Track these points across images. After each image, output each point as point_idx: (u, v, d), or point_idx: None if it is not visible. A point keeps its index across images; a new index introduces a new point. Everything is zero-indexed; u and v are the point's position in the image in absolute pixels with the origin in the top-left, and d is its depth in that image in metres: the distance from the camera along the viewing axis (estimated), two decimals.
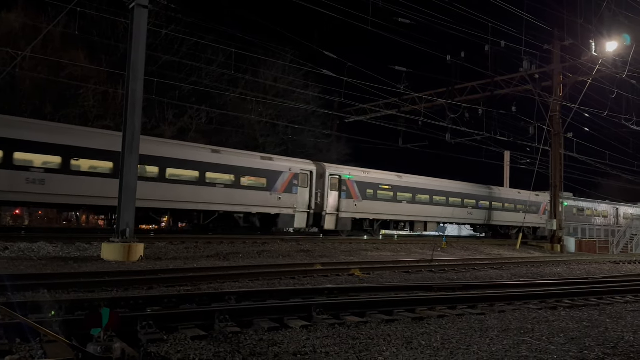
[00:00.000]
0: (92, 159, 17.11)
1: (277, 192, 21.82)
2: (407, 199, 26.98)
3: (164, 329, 5.40)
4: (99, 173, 17.15)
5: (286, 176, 22.14)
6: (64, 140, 16.53)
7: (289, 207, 22.23)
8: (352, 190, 24.47)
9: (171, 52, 29.90)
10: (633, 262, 21.79)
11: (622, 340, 5.94)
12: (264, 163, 21.79)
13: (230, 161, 20.59)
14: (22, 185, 15.49)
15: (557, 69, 27.67)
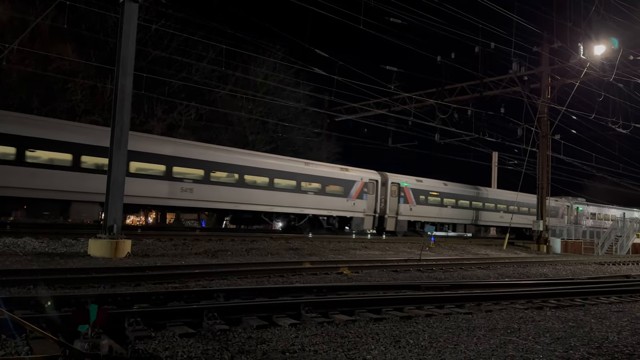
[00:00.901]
0: (225, 171, 21.34)
1: (352, 198, 25.37)
2: (451, 204, 30.97)
3: (151, 326, 5.37)
4: (227, 183, 21.30)
5: (358, 185, 25.73)
6: (207, 157, 20.60)
7: (360, 211, 25.78)
8: (409, 196, 28.26)
9: (161, 47, 29.68)
10: (617, 263, 22.09)
11: (606, 340, 6.02)
12: (342, 174, 25.34)
13: (318, 172, 24.21)
14: (178, 193, 19.43)
15: (546, 71, 27.93)
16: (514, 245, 28.71)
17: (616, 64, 22.53)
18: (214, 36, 26.45)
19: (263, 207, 21.97)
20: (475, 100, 29.03)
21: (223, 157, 21.09)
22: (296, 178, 23.10)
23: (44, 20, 22.38)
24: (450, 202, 30.94)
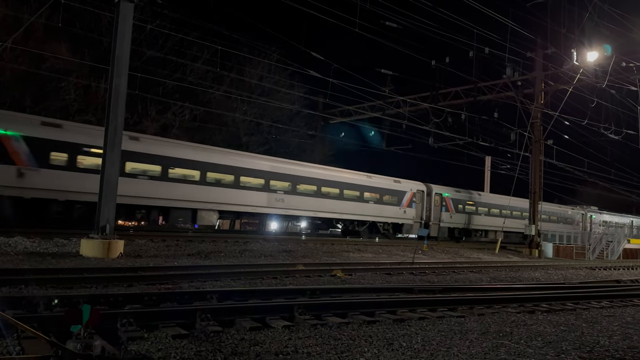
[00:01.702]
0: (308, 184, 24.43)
1: (403, 206, 28.66)
2: (484, 212, 34.08)
3: (144, 327, 5.35)
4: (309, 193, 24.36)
5: (408, 195, 29.07)
6: (294, 172, 23.83)
7: (409, 218, 29.03)
8: (449, 205, 31.35)
9: (156, 48, 29.60)
10: (608, 268, 22.24)
11: (597, 345, 6.06)
12: (395, 185, 28.59)
13: (377, 184, 27.45)
14: (273, 203, 22.78)
15: (539, 76, 28.12)
16: (506, 249, 28.85)
17: (609, 71, 22.73)
18: (209, 37, 26.46)
19: (335, 215, 25.36)
20: (469, 105, 29.18)
21: (306, 172, 24.52)
22: (360, 189, 26.48)
23: (38, 18, 22.25)
24: (484, 210, 34.07)
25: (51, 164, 16.47)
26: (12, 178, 15.59)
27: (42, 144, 16.19)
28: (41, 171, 16.11)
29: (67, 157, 16.82)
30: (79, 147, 17.00)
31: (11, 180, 15.59)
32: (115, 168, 13.47)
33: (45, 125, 16.78)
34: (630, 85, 23.46)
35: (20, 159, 15.82)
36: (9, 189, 15.55)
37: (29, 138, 15.98)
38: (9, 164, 15.59)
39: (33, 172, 15.91)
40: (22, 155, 15.84)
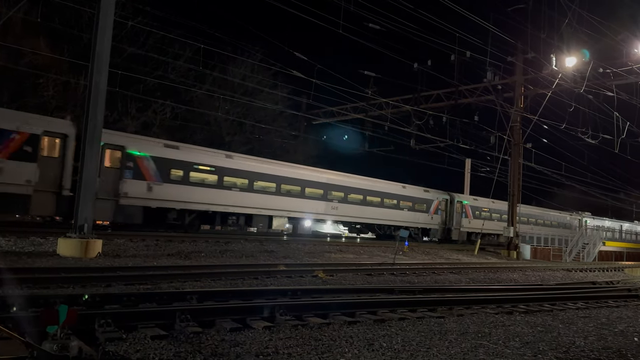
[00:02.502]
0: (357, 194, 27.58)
1: (431, 213, 32.13)
2: (497, 217, 37.15)
3: (122, 328, 5.28)
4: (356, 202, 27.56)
5: (435, 203, 32.42)
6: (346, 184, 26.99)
7: (436, 223, 32.56)
8: (468, 212, 34.82)
9: (137, 45, 29.21)
10: (584, 270, 22.68)
11: (573, 345, 6.18)
12: (424, 194, 32.02)
13: (410, 194, 30.88)
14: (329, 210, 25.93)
15: (519, 80, 28.55)
16: (485, 251, 29.20)
17: (587, 76, 23.18)
18: (192, 35, 26.22)
19: (376, 220, 28.59)
20: (450, 108, 29.47)
21: (355, 184, 27.48)
22: (397, 198, 29.80)
23: (16, 13, 21.78)
24: (496, 216, 37.28)
25: (171, 179, 19.69)
26: (144, 191, 18.75)
27: (165, 163, 19.52)
28: (164, 185, 19.36)
29: (182, 173, 20.07)
30: (190, 164, 20.31)
31: (143, 193, 18.74)
32: (94, 166, 13.26)
33: (167, 146, 20.12)
34: (607, 91, 23.96)
35: (149, 175, 18.99)
36: (141, 200, 18.71)
37: (156, 158, 19.21)
38: (141, 179, 18.75)
39: (158, 186, 19.15)
40: (150, 172, 19.03)
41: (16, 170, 15.66)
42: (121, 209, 18.12)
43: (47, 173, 16.38)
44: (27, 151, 16.01)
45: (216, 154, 22.30)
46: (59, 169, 16.64)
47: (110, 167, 18.01)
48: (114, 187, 17.98)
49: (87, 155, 13.06)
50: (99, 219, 17.67)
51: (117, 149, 18.22)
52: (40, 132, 16.40)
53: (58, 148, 16.74)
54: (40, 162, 16.26)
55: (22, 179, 15.79)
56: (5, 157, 15.53)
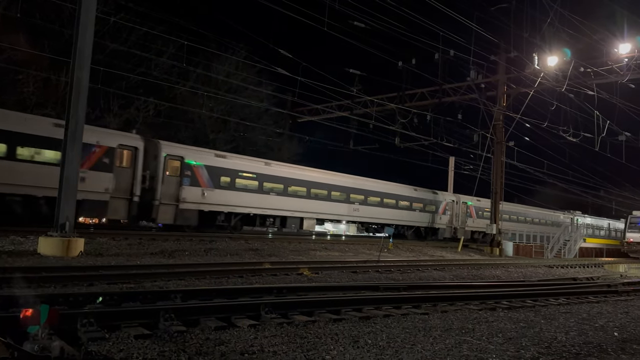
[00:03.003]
0: (375, 196, 29.36)
1: (439, 214, 33.83)
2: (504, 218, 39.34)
3: (105, 327, 5.21)
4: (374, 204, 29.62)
5: (443, 204, 34.15)
6: (366, 187, 29.16)
7: (444, 223, 34.29)
8: (472, 212, 36.77)
9: (119, 41, 28.83)
10: (565, 266, 23.05)
11: (555, 340, 6.27)
12: (434, 196, 33.85)
13: (422, 196, 32.60)
14: (351, 212, 27.98)
15: (502, 79, 28.84)
16: (469, 248, 29.50)
17: (568, 75, 23.52)
18: (175, 31, 25.97)
19: (391, 221, 30.05)
20: (434, 106, 29.66)
21: (374, 187, 29.46)
22: (409, 200, 31.58)
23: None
24: (513, 217, 39.51)
25: (220, 185, 21.58)
26: (199, 196, 20.71)
27: (215, 171, 21.44)
28: (215, 191, 21.27)
29: (229, 180, 22.01)
30: (236, 172, 22.33)
31: (198, 198, 20.68)
32: (76, 164, 13.06)
33: (217, 156, 22.14)
34: (587, 90, 24.33)
35: (203, 182, 20.92)
36: (197, 204, 20.70)
37: (208, 166, 21.17)
38: (197, 186, 20.67)
39: (210, 191, 21.07)
40: (204, 179, 20.98)
41: (96, 179, 17.48)
42: (180, 212, 20.14)
43: (120, 182, 18.29)
44: (105, 162, 17.87)
45: (256, 161, 24.31)
46: (131, 178, 18.62)
47: (171, 176, 19.96)
48: (175, 193, 19.98)
49: (68, 152, 12.86)
50: (162, 221, 20.14)
51: (176, 159, 20.17)
52: (116, 145, 18.31)
53: (130, 159, 18.70)
54: (115, 172, 18.14)
55: (101, 187, 17.67)
56: (88, 168, 17.14)
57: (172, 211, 19.91)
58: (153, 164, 19.34)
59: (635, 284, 14.57)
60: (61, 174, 12.87)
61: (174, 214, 19.95)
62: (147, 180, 19.01)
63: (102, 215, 19.17)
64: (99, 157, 17.79)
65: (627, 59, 23.17)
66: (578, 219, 46.46)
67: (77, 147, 13.05)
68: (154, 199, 19.19)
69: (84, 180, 16.43)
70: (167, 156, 19.68)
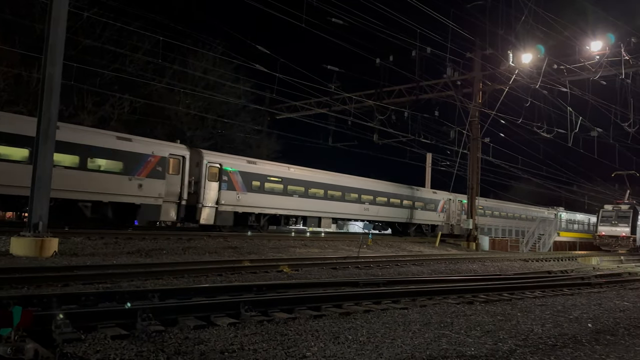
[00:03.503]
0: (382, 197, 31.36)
1: (438, 212, 35.60)
2: (489, 214, 40.96)
3: (81, 328, 5.10)
4: (381, 203, 31.22)
5: (441, 202, 35.92)
6: (374, 188, 30.92)
7: (442, 220, 35.84)
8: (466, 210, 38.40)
9: (93, 37, 28.25)
10: (540, 259, 23.51)
11: (531, 333, 6.39)
12: (433, 195, 35.57)
13: (423, 194, 34.64)
14: (362, 211, 30.00)
15: (478, 76, 29.21)
16: (446, 243, 29.85)
17: (542, 72, 23.95)
18: (151, 27, 25.55)
19: (397, 219, 32.29)
20: (411, 103, 29.89)
21: (381, 187, 31.39)
22: (412, 199, 33.31)
23: None
24: (488, 212, 41.31)
25: (252, 189, 23.47)
26: (234, 199, 22.63)
27: (248, 176, 23.37)
28: (247, 194, 23.23)
29: (259, 184, 23.92)
30: (265, 176, 24.28)
31: (234, 201, 22.65)
32: (49, 162, 12.75)
33: (249, 162, 24.11)
34: (561, 87, 24.82)
35: (238, 186, 22.87)
36: (232, 206, 22.68)
37: (242, 172, 23.14)
38: (232, 190, 22.63)
39: (244, 195, 23.03)
40: (239, 184, 22.92)
41: (151, 186, 19.42)
42: (219, 214, 22.10)
43: (171, 187, 20.27)
44: (158, 170, 19.75)
45: (281, 166, 26.27)
46: (179, 184, 20.60)
47: (212, 181, 21.92)
48: (215, 196, 21.99)
49: (40, 151, 12.56)
50: (204, 222, 21.77)
51: (215, 166, 22.12)
52: (167, 155, 20.30)
53: (178, 167, 20.64)
54: (167, 179, 20.09)
55: (156, 193, 19.58)
56: (145, 176, 19.23)
57: (213, 213, 21.98)
58: (196, 170, 21.34)
59: (607, 276, 14.97)
60: (33, 173, 12.57)
61: (214, 216, 21.98)
62: (192, 185, 21.00)
63: (156, 218, 20.51)
64: (154, 166, 19.68)
65: (598, 56, 23.71)
66: (561, 214, 48.65)
67: (50, 145, 12.74)
68: (198, 202, 21.24)
69: (142, 186, 19.10)
70: (208, 163, 21.81)
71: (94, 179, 17.87)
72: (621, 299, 10.13)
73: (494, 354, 5.25)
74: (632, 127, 25.24)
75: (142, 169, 19.11)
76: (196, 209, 21.12)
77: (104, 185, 18.12)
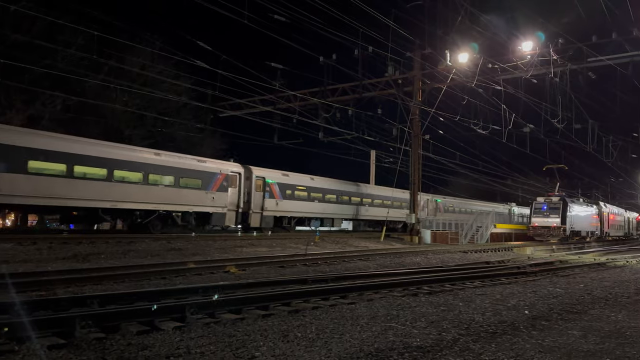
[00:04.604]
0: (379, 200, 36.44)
1: None
2: (460, 211, 45.97)
3: (14, 340, 4.80)
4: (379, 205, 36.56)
5: (422, 203, 36.06)
6: (374, 192, 36.64)
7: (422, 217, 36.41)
8: (440, 208, 43.52)
9: (21, 31, 26.59)
10: (478, 251, 24.49)
11: (473, 322, 6.63)
12: (404, 195, 36.41)
13: (405, 196, 33.89)
14: (362, 212, 34.54)
15: (417, 75, 29.97)
16: (390, 237, 30.48)
17: (477, 71, 24.92)
18: (84, 21, 24.34)
19: (388, 217, 35.03)
20: (355, 101, 30.26)
21: (375, 191, 36.17)
22: (400, 200, 36.06)
23: None
24: (457, 210, 45.62)
25: (286, 196, 27.94)
26: (274, 206, 27.14)
27: (283, 186, 27.96)
28: (283, 201, 27.78)
29: (291, 192, 28.47)
30: (294, 186, 28.83)
31: (274, 207, 27.13)
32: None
33: (283, 175, 28.45)
34: (495, 85, 25.93)
35: (276, 195, 27.37)
36: (273, 211, 27.08)
37: (279, 183, 27.72)
38: (272, 198, 27.06)
39: (280, 201, 27.55)
40: (277, 193, 27.45)
41: (220, 198, 23.93)
42: (264, 218, 26.56)
43: (232, 198, 24.68)
44: (224, 185, 24.17)
45: (306, 177, 30.68)
46: (237, 195, 25.00)
47: (258, 191, 26.32)
48: (261, 204, 26.40)
49: None
50: (254, 225, 25.92)
51: (260, 179, 26.60)
52: (229, 172, 24.71)
53: (236, 182, 25.03)
54: (229, 192, 24.48)
55: (223, 203, 24.07)
56: (215, 190, 23.69)
57: (259, 218, 26.33)
58: (247, 183, 25.74)
59: (541, 265, 15.81)
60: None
61: (260, 220, 26.33)
62: (245, 195, 25.44)
63: (222, 224, 24.86)
64: (221, 182, 24.08)
65: (529, 55, 24.95)
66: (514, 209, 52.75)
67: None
68: (249, 209, 25.70)
69: (214, 199, 23.67)
70: (256, 177, 26.27)
71: (183, 195, 22.31)
72: (554, 286, 10.73)
73: (438, 343, 5.41)
74: (560, 124, 26.77)
75: (214, 184, 23.74)
76: (248, 214, 25.63)
77: (190, 198, 22.58)
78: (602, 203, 48.55)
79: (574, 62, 24.57)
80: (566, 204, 37.73)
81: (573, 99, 26.45)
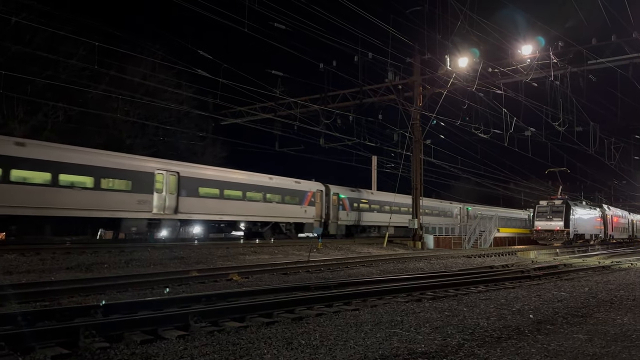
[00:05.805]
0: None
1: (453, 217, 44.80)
2: None
3: (18, 350, 4.80)
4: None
5: (457, 210, 45.78)
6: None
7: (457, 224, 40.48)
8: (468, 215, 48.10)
9: (22, 43, 26.78)
10: (482, 255, 24.42)
11: (478, 327, 6.60)
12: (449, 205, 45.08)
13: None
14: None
15: (418, 80, 30.02)
16: (393, 243, 30.41)
17: (477, 75, 24.95)
18: (85, 32, 24.49)
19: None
20: (355, 107, 30.29)
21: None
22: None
23: None
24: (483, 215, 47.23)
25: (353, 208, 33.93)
26: (345, 216, 33.53)
27: (351, 200, 33.76)
28: (351, 212, 33.84)
29: (357, 204, 34.26)
30: (359, 199, 34.72)
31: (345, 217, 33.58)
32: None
33: (351, 190, 34.19)
34: (496, 89, 25.96)
35: (347, 207, 33.53)
36: (344, 221, 33.55)
37: (348, 197, 33.62)
38: (344, 210, 33.09)
39: (350, 212, 33.81)
40: (347, 205, 33.62)
41: (309, 211, 30.07)
42: (338, 227, 32.42)
43: (317, 211, 30.80)
44: (312, 201, 30.23)
45: (365, 191, 36.39)
46: (320, 208, 31.16)
47: (334, 205, 32.17)
48: (336, 215, 32.43)
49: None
50: (332, 233, 31.49)
51: (335, 194, 32.44)
52: (315, 190, 30.81)
53: (320, 197, 31.20)
54: (315, 206, 30.49)
55: (312, 215, 30.26)
56: (306, 204, 29.71)
57: (335, 226, 32.33)
58: (326, 199, 31.71)
59: (545, 268, 15.76)
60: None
61: (336, 228, 32.23)
62: (325, 209, 31.41)
63: (310, 232, 29.93)
64: (310, 198, 30.16)
65: (529, 59, 24.99)
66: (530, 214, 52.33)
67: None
68: (329, 219, 31.62)
69: (306, 212, 29.79)
70: (333, 194, 32.16)
71: (287, 209, 28.49)
72: (558, 290, 10.68)
73: (443, 349, 5.38)
74: (562, 127, 26.74)
75: (305, 200, 29.76)
76: (328, 224, 31.47)
77: (291, 212, 28.76)
78: (606, 205, 48.43)
79: (574, 65, 24.59)
80: (569, 207, 37.62)
81: (574, 102, 26.44)
